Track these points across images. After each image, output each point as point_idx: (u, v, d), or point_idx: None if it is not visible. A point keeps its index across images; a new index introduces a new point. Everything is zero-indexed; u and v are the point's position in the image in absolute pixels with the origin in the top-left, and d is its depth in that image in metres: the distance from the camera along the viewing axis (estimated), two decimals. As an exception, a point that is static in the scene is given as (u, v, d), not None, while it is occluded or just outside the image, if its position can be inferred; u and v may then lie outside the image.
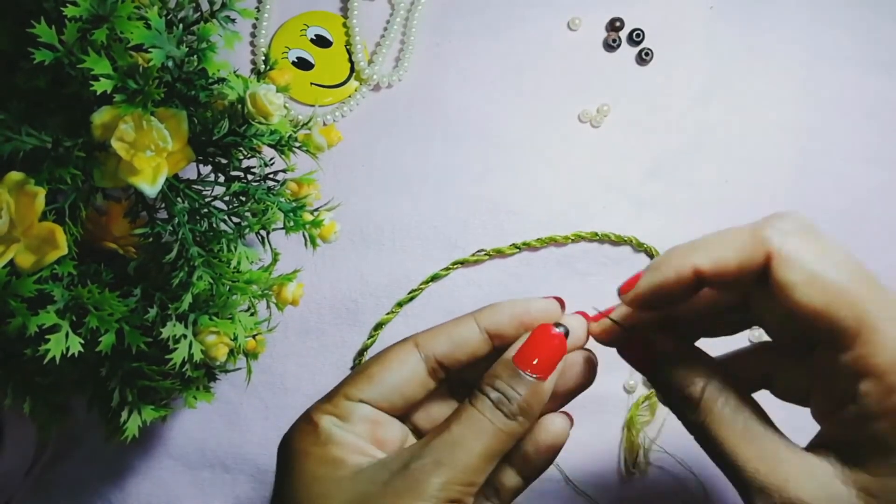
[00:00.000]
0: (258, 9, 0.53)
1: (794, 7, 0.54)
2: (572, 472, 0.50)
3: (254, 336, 0.39)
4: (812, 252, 0.28)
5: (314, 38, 0.53)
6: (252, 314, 0.39)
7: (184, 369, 0.35)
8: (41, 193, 0.30)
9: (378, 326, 0.50)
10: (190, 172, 0.36)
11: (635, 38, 0.53)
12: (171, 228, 0.33)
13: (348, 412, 0.33)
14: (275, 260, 0.41)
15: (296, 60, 0.52)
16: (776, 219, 0.29)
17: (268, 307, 0.41)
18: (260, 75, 0.38)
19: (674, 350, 0.32)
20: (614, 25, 0.53)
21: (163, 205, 0.34)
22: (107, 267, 0.35)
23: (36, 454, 0.47)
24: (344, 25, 0.53)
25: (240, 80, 0.34)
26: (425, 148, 0.51)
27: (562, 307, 0.34)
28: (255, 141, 0.35)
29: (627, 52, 0.53)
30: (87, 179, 0.32)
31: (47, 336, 0.31)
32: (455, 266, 0.50)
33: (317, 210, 0.39)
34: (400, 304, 0.50)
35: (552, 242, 0.51)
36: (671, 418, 0.45)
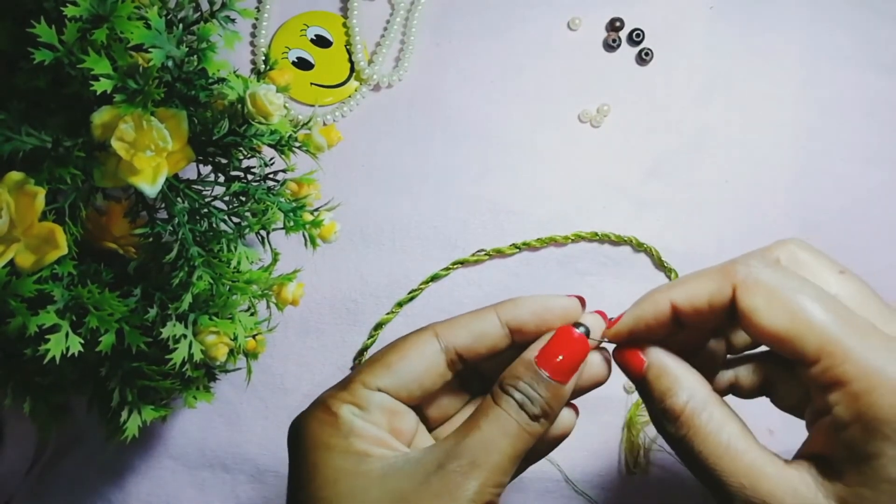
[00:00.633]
0: (258, 9, 0.53)
1: (794, 7, 0.54)
2: (572, 472, 0.50)
3: (254, 336, 0.39)
4: (773, 279, 0.29)
5: (314, 38, 0.53)
6: (252, 314, 0.39)
7: (184, 369, 0.35)
8: (41, 193, 0.30)
9: (378, 326, 0.50)
10: (190, 172, 0.36)
11: (635, 38, 0.53)
12: (171, 228, 0.33)
13: (366, 401, 0.32)
14: (275, 260, 0.41)
15: (296, 60, 0.52)
16: (747, 255, 0.31)
17: (268, 307, 0.41)
18: (260, 75, 0.38)
19: (660, 362, 0.32)
20: (614, 25, 0.53)
21: (163, 205, 0.34)
22: (107, 267, 0.35)
23: (36, 454, 0.47)
24: (344, 25, 0.53)
25: (240, 80, 0.34)
26: (425, 148, 0.51)
27: (582, 306, 0.34)
28: (255, 141, 0.35)
29: (627, 52, 0.53)
30: (87, 179, 0.32)
31: (47, 336, 0.31)
32: (455, 266, 0.50)
33: (317, 210, 0.39)
34: (400, 304, 0.50)
35: (552, 242, 0.51)
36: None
